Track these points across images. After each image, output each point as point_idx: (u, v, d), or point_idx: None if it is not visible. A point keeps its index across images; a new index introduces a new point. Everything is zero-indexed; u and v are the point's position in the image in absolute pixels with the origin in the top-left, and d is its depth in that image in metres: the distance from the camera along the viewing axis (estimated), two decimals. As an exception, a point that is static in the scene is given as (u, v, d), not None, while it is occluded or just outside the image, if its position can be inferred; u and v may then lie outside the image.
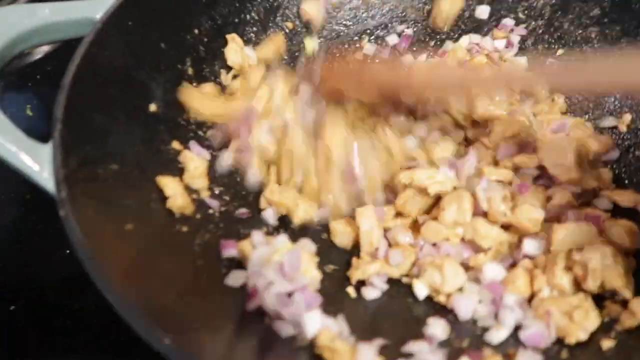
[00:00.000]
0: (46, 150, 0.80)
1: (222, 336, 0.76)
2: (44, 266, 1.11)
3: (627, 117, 1.10)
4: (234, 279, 0.87)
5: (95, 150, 0.85)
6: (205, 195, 1.01)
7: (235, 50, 1.21)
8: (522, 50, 1.26)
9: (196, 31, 1.16)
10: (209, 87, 1.16)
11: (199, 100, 1.11)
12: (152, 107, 1.02)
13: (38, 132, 0.86)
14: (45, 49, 1.61)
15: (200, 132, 1.11)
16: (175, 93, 1.09)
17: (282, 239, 0.90)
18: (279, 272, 0.82)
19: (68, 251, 1.05)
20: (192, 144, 1.06)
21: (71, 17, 1.00)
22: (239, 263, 0.92)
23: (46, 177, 0.78)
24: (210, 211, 1.00)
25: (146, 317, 0.62)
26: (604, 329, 0.81)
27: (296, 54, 1.29)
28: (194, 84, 1.14)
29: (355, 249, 0.99)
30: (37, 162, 0.79)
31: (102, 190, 0.82)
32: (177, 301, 0.73)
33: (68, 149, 0.79)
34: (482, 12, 1.30)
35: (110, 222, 0.77)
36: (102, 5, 1.00)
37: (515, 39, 1.26)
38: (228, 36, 1.22)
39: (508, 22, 1.28)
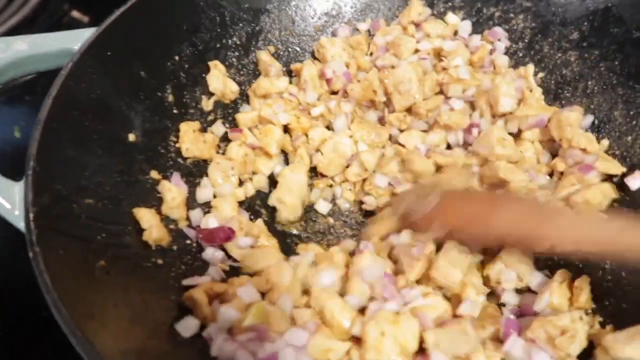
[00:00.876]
0: (18, 188, 0.80)
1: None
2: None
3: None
4: (185, 328, 0.82)
5: (69, 185, 0.86)
6: (183, 225, 1.01)
7: (217, 77, 1.21)
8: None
9: (177, 58, 1.17)
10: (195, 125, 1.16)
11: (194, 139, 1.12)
12: (131, 137, 1.03)
13: (24, 154, 0.84)
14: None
15: (180, 160, 1.12)
16: (155, 121, 1.10)
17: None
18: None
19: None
20: (175, 175, 1.07)
21: (49, 49, 1.01)
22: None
23: (17, 215, 0.79)
24: (188, 241, 1.01)
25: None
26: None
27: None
28: (175, 111, 1.15)
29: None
30: (8, 200, 0.80)
31: (75, 227, 0.82)
32: (147, 341, 0.73)
33: (40, 186, 0.79)
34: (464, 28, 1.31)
35: (81, 262, 0.77)
36: (80, 36, 1.01)
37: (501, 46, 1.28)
38: (210, 63, 1.22)
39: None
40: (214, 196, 1.10)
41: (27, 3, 1.72)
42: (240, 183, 1.15)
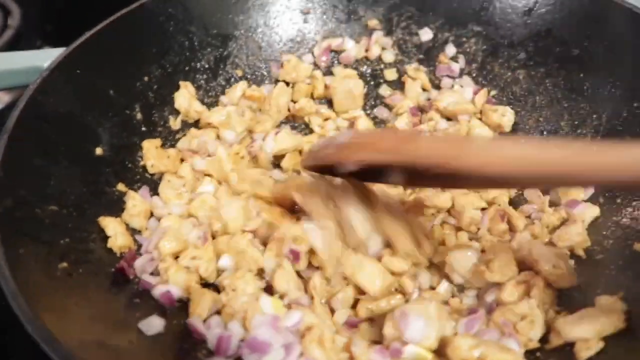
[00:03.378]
0: (-18, 193, 0.81)
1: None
2: None
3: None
4: (149, 326, 0.83)
5: (34, 192, 0.87)
6: (147, 234, 1.02)
7: (184, 96, 1.25)
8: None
9: (146, 78, 1.21)
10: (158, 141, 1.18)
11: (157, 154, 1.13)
12: (98, 151, 1.05)
13: None
14: (6, 99, 1.64)
15: (147, 175, 1.14)
16: (123, 137, 1.12)
17: None
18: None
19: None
20: (143, 189, 1.09)
21: (18, 67, 1.04)
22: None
23: (-20, 217, 0.79)
24: (152, 249, 1.01)
25: (68, 354, 0.62)
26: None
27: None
28: (143, 128, 1.18)
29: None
30: (-28, 204, 0.80)
31: (38, 230, 0.83)
32: (108, 336, 0.73)
33: (4, 189, 0.81)
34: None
35: (42, 262, 0.78)
36: (49, 55, 1.05)
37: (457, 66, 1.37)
38: (182, 82, 1.27)
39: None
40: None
41: (-1, 37, 1.76)
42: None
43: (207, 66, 1.34)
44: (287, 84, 1.38)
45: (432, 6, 1.40)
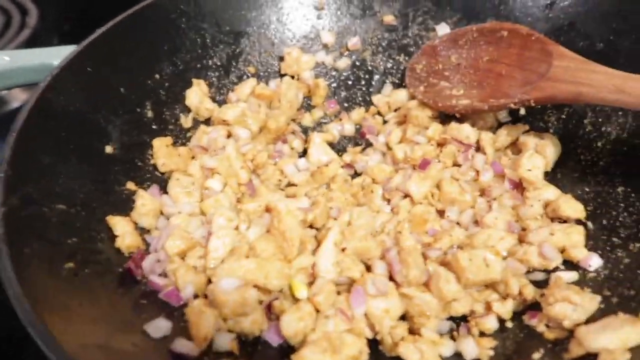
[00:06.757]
0: (-12, 191, 0.80)
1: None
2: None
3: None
4: (155, 329, 0.80)
5: (41, 190, 0.86)
6: (156, 234, 1.00)
7: (196, 93, 1.24)
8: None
9: (157, 76, 1.20)
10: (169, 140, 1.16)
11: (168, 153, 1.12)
12: (108, 149, 1.04)
13: None
14: (22, 97, 1.65)
15: (157, 173, 1.12)
16: (134, 135, 1.11)
17: None
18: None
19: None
20: (153, 187, 1.08)
21: (30, 64, 1.04)
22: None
23: (-12, 216, 0.78)
24: (161, 249, 1.00)
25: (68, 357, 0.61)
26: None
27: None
28: (154, 126, 1.17)
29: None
30: (-22, 202, 0.79)
31: (44, 229, 0.82)
32: (111, 338, 0.72)
33: (11, 187, 0.80)
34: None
35: (48, 262, 0.77)
36: (61, 53, 1.04)
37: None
38: (194, 80, 1.26)
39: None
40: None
41: (16, 38, 1.77)
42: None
43: (219, 63, 1.32)
44: (292, 77, 1.36)
45: (449, 0, 1.36)
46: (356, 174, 1.24)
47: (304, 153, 1.28)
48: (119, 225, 0.94)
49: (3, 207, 0.76)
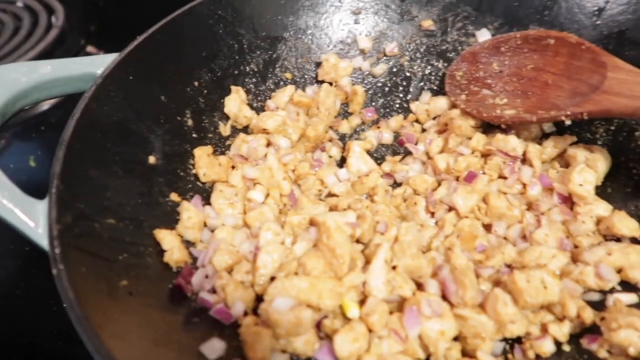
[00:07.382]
0: (42, 207, 0.79)
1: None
2: (40, 320, 1.09)
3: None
4: (211, 350, 0.78)
5: (92, 205, 0.85)
6: (201, 247, 0.99)
7: (235, 100, 1.22)
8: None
9: (196, 83, 1.18)
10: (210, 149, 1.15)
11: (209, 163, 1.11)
12: (151, 160, 1.03)
13: (39, 183, 0.86)
14: (50, 100, 1.64)
15: (199, 183, 1.11)
16: (175, 145, 1.10)
17: None
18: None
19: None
20: (196, 198, 1.07)
21: (73, 73, 1.02)
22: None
23: (41, 233, 0.77)
24: (208, 264, 0.98)
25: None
26: None
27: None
28: (194, 135, 1.15)
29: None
30: (32, 219, 0.78)
31: (97, 246, 0.80)
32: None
33: (64, 204, 0.79)
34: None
35: (104, 280, 0.76)
36: (103, 61, 1.02)
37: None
38: (233, 87, 1.24)
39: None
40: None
41: (44, 38, 1.76)
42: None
43: (255, 69, 1.31)
44: (330, 83, 1.34)
45: (490, 6, 1.33)
46: (396, 184, 1.22)
47: (341, 161, 1.26)
48: (167, 239, 0.92)
49: (58, 225, 0.75)
